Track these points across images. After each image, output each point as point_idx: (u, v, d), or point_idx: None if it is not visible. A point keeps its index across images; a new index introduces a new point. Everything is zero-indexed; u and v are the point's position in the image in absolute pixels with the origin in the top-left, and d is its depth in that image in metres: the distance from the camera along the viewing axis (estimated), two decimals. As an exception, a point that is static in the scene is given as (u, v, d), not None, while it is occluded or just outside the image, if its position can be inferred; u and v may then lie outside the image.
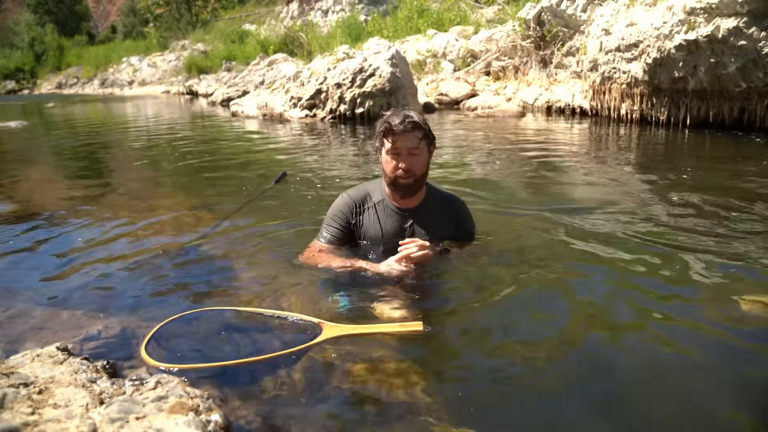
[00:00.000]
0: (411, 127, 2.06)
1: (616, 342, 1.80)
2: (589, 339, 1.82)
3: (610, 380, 1.60)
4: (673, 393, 1.50)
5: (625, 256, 2.49)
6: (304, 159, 5.83)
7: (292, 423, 1.33)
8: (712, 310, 1.96)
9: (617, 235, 2.79)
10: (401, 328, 1.69)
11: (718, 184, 4.04)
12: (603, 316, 1.97)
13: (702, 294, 2.10)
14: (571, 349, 1.74)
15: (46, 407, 1.06)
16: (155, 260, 2.54)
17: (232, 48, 24.73)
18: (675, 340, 1.77)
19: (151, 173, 5.45)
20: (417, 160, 2.12)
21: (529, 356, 1.69)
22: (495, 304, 2.02)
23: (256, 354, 1.64)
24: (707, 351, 1.72)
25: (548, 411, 1.44)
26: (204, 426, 1.10)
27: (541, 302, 2.09)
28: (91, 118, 13.97)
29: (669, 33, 7.14)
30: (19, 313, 1.94)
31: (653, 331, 1.84)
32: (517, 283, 2.18)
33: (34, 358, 1.34)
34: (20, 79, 47.18)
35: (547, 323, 1.94)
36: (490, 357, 1.69)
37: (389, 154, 2.12)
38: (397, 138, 2.06)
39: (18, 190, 4.53)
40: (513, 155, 5.78)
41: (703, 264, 2.33)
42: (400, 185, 2.15)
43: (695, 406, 1.46)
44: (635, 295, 2.12)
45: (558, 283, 2.21)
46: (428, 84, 13.43)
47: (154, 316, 1.92)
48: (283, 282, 2.22)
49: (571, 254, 2.54)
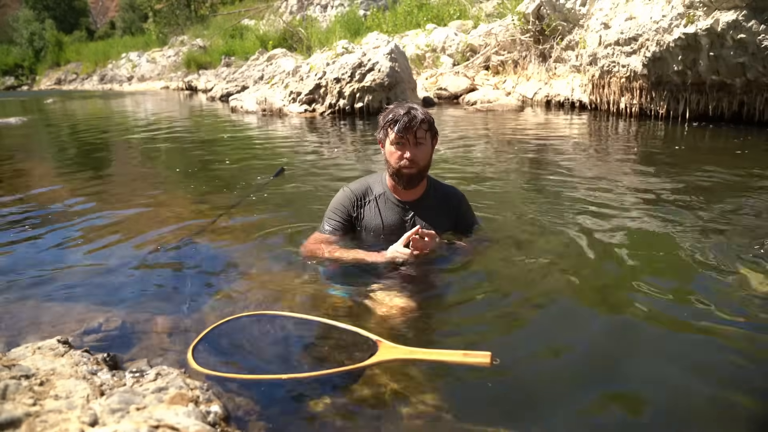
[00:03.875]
0: (416, 118, 2.11)
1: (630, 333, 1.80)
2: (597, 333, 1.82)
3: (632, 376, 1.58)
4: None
5: (624, 244, 2.50)
6: (303, 154, 5.84)
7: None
8: (722, 302, 1.94)
9: (621, 226, 2.80)
10: (466, 359, 1.46)
11: (718, 177, 4.04)
12: (609, 310, 1.97)
13: (706, 285, 2.10)
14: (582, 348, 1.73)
15: (47, 398, 1.08)
16: (155, 254, 2.56)
17: (231, 43, 24.69)
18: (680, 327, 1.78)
19: (150, 168, 5.45)
20: (421, 150, 2.15)
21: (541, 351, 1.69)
22: (497, 296, 2.03)
23: (305, 369, 1.57)
24: (717, 344, 1.72)
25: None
26: (204, 416, 1.12)
27: (543, 294, 2.08)
28: (90, 114, 13.96)
29: (668, 27, 7.13)
30: (20, 307, 1.95)
31: (659, 323, 1.84)
32: (518, 275, 2.19)
33: (35, 351, 1.35)
34: (19, 75, 47.13)
35: (551, 316, 1.94)
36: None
37: (394, 145, 2.15)
38: (403, 128, 2.10)
39: (18, 185, 4.54)
40: (512, 149, 5.79)
41: (703, 255, 2.34)
42: (403, 175, 2.17)
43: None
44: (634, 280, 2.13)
45: (562, 277, 2.21)
46: (427, 78, 13.41)
47: (155, 309, 1.94)
48: (285, 275, 2.24)
49: (574, 248, 2.54)
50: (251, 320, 1.83)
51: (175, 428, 0.93)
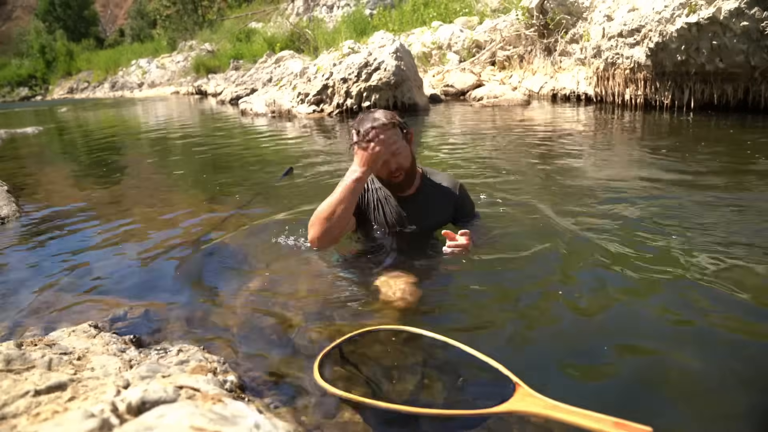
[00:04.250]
0: (384, 130, 2.06)
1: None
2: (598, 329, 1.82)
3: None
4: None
5: (630, 238, 2.53)
6: (312, 153, 5.98)
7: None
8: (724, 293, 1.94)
9: (627, 218, 2.83)
10: (622, 430, 1.18)
11: (725, 166, 4.11)
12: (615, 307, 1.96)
13: (710, 278, 2.08)
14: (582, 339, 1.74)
15: (85, 370, 1.22)
16: (171, 251, 2.71)
17: (239, 47, 24.95)
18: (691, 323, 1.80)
19: (163, 171, 5.63)
20: (401, 157, 2.14)
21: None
22: (498, 287, 2.08)
23: (421, 397, 1.42)
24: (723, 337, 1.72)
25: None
26: (221, 384, 1.26)
27: (543, 284, 2.10)
28: (103, 121, 14.24)
29: (670, 17, 7.17)
30: (53, 299, 2.12)
31: (665, 317, 1.86)
32: (520, 265, 2.23)
33: (70, 333, 1.50)
34: (33, 85, 47.96)
35: (554, 309, 1.94)
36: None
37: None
38: (375, 144, 2.04)
39: (39, 190, 4.74)
40: (519, 142, 5.88)
41: (712, 248, 2.33)
42: (393, 184, 2.22)
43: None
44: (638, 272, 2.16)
45: (564, 272, 2.22)
46: (434, 76, 13.51)
47: (174, 300, 2.09)
48: (297, 266, 2.35)
49: (576, 243, 2.55)
50: (374, 334, 1.69)
51: (196, 389, 1.07)
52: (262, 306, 2.00)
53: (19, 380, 1.06)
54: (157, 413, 0.86)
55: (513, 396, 1.31)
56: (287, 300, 2.02)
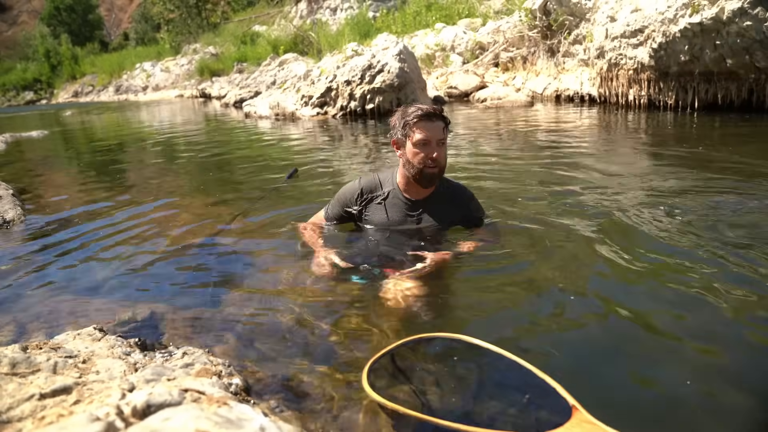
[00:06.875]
0: (440, 117, 2.18)
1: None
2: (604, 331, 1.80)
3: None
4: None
5: (639, 238, 2.54)
6: (316, 155, 5.99)
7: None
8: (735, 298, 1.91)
9: (632, 219, 2.82)
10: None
11: (730, 165, 4.09)
12: (620, 308, 1.94)
13: (717, 279, 2.07)
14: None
15: (90, 373, 1.23)
16: (176, 253, 2.72)
17: (243, 49, 24.97)
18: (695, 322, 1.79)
19: (168, 174, 5.64)
20: (443, 149, 2.22)
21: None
22: (510, 294, 2.07)
23: (470, 421, 1.29)
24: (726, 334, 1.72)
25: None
26: (227, 387, 1.26)
27: (551, 290, 2.08)
28: (107, 125, 14.30)
29: (673, 17, 7.16)
30: (58, 303, 2.13)
31: (670, 316, 1.85)
32: (530, 271, 2.22)
33: (75, 337, 1.51)
34: (38, 89, 48.16)
35: (561, 311, 1.93)
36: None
37: (418, 146, 2.17)
38: (428, 128, 2.15)
39: (44, 193, 4.76)
40: (523, 143, 5.88)
41: (721, 251, 2.31)
42: (426, 175, 2.22)
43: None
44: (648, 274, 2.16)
45: (575, 275, 2.21)
46: (438, 78, 13.51)
47: (179, 303, 2.09)
48: (302, 269, 2.35)
49: (583, 244, 2.54)
50: (424, 342, 1.62)
51: (201, 392, 1.07)
52: (268, 309, 2.01)
53: (24, 384, 1.06)
54: (162, 416, 0.86)
55: (569, 420, 1.18)
56: (293, 302, 2.03)
